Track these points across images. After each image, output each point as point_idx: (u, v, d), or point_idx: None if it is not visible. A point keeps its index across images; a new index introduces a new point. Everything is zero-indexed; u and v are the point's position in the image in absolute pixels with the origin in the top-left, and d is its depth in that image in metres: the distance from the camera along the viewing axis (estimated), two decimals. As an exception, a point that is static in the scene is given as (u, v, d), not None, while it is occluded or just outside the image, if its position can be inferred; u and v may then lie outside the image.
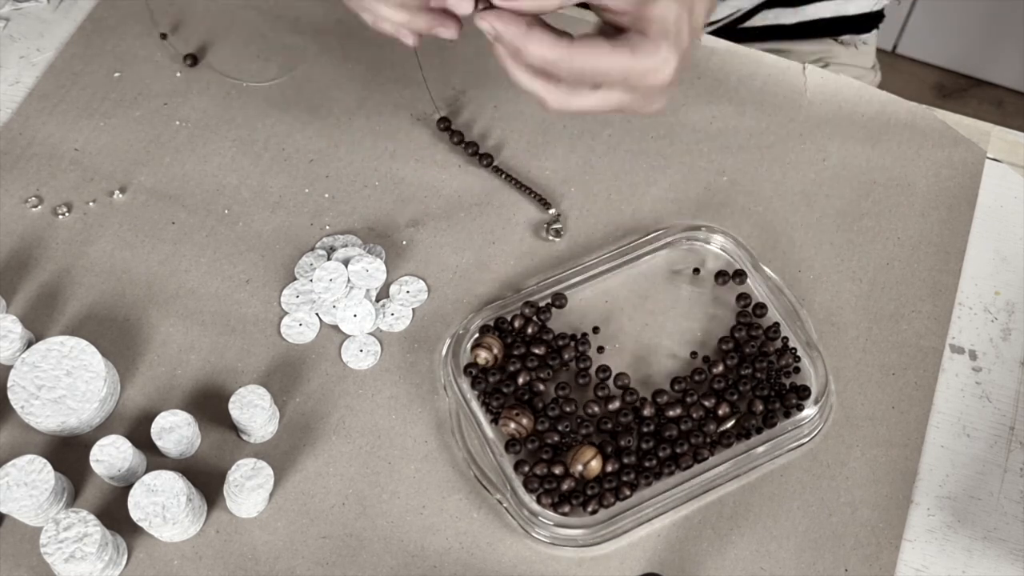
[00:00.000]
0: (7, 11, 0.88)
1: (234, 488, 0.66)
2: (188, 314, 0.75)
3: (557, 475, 0.68)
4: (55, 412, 0.69)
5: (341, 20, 0.87)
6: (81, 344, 0.70)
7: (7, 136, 0.81)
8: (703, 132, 0.83)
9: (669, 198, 0.80)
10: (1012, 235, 0.80)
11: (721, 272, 0.77)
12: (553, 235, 0.78)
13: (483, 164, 0.80)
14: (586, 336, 0.74)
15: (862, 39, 1.04)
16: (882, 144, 0.83)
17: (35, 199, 0.79)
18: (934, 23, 1.84)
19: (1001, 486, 0.71)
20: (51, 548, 0.63)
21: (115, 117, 0.83)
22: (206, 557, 0.67)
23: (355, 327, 0.74)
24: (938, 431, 0.73)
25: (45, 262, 0.76)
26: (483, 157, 0.80)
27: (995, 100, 1.88)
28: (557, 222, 0.77)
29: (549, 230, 0.78)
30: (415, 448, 0.71)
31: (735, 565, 0.68)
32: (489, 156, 0.80)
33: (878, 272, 0.78)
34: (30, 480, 0.65)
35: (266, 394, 0.69)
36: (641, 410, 0.71)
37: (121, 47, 0.86)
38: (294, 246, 0.78)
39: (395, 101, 0.84)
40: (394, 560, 0.67)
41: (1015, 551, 0.69)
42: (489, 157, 0.80)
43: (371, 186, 0.80)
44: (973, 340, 0.76)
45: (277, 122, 0.83)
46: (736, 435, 0.70)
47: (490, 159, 0.80)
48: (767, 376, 0.72)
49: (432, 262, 0.78)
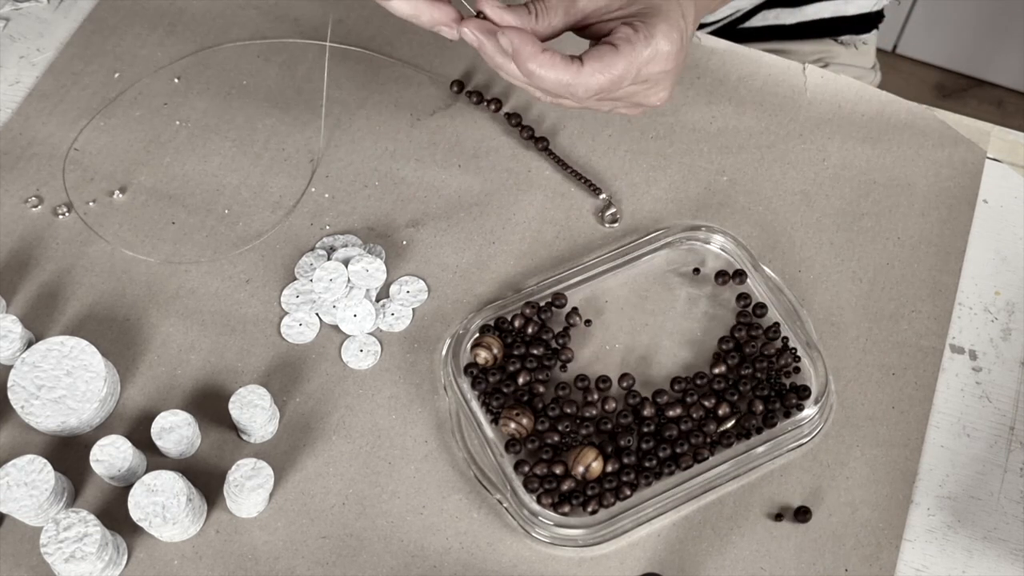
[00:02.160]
0: (7, 11, 0.88)
1: (234, 488, 0.66)
2: (188, 314, 0.75)
3: (557, 475, 0.68)
4: (55, 412, 0.69)
5: (341, 20, 0.88)
6: (81, 344, 0.70)
7: (7, 136, 0.81)
8: (703, 132, 0.83)
9: (669, 198, 0.80)
10: (1012, 235, 0.80)
11: (721, 272, 0.77)
12: (609, 220, 0.78)
13: (538, 147, 0.81)
14: (566, 331, 0.74)
15: (862, 39, 1.04)
16: (882, 144, 0.83)
17: (35, 199, 0.79)
18: (934, 23, 1.84)
19: (1001, 486, 0.71)
20: (51, 548, 0.63)
21: (115, 117, 0.83)
22: (206, 557, 0.67)
23: (355, 327, 0.74)
24: (938, 431, 0.73)
25: (45, 262, 0.76)
26: (538, 140, 0.81)
27: (995, 100, 1.88)
28: (611, 207, 0.78)
29: (605, 216, 0.78)
30: (415, 448, 0.71)
31: (735, 565, 0.68)
32: (544, 139, 0.81)
33: (878, 272, 0.78)
34: (30, 480, 0.65)
35: (266, 394, 0.69)
36: (641, 410, 0.71)
37: (121, 47, 0.86)
38: (294, 246, 0.78)
39: (395, 101, 0.84)
40: (394, 560, 0.67)
41: (1015, 551, 0.69)
42: (544, 140, 0.81)
43: (371, 186, 0.80)
44: (973, 340, 0.76)
45: (277, 122, 0.83)
46: (736, 435, 0.70)
47: (545, 142, 0.81)
48: (767, 376, 0.72)
49: (432, 262, 0.78)
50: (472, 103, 0.83)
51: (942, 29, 1.84)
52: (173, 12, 0.88)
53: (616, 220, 0.78)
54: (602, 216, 0.79)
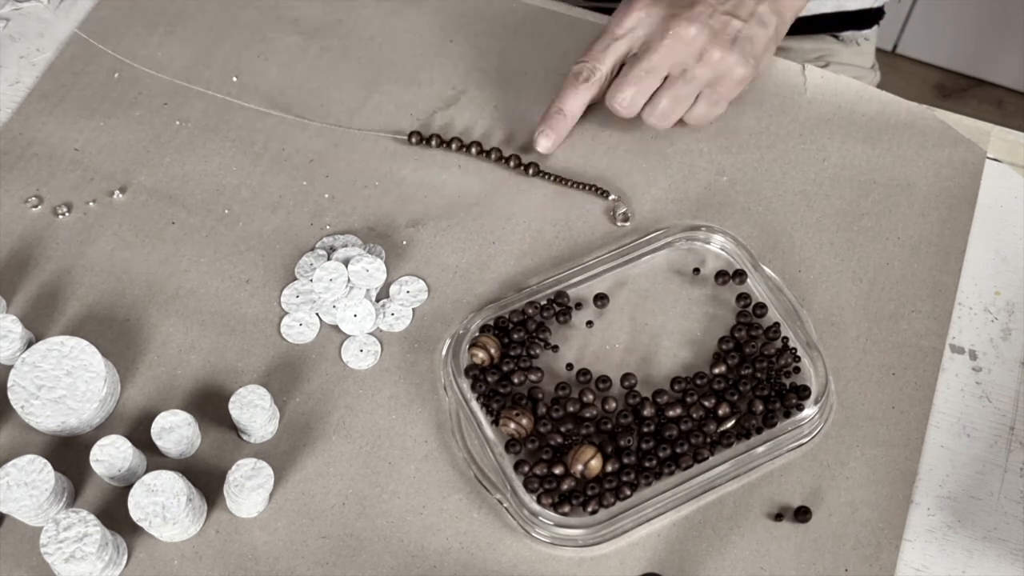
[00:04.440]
0: (7, 11, 0.88)
1: (234, 488, 0.66)
2: (188, 314, 0.75)
3: (557, 475, 0.68)
4: (55, 412, 0.69)
5: (341, 20, 0.88)
6: (81, 344, 0.70)
7: (7, 136, 0.81)
8: (703, 132, 0.83)
9: (669, 198, 0.80)
10: (1012, 235, 0.80)
11: (721, 272, 0.77)
12: (621, 219, 0.78)
13: (530, 175, 0.80)
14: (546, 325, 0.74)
15: (863, 35, 1.04)
16: (882, 144, 0.83)
17: (35, 199, 0.79)
18: (934, 23, 1.84)
19: (1001, 486, 0.71)
20: (51, 548, 0.63)
21: (115, 117, 0.83)
22: (206, 557, 0.67)
23: (355, 327, 0.74)
24: (938, 431, 0.73)
25: (45, 262, 0.77)
26: (528, 167, 0.80)
27: (995, 100, 1.88)
28: (620, 205, 0.78)
29: (616, 215, 0.78)
30: (415, 448, 0.71)
31: (735, 565, 0.68)
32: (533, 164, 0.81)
33: (878, 272, 0.78)
34: (30, 480, 0.65)
35: (266, 394, 0.69)
36: (641, 410, 0.71)
37: (121, 47, 0.86)
38: (294, 246, 0.78)
39: (395, 101, 0.84)
40: (394, 560, 0.67)
41: (1015, 551, 0.69)
42: (534, 165, 0.80)
43: (371, 186, 0.80)
44: (973, 340, 0.76)
45: (277, 122, 0.83)
46: (736, 435, 0.70)
47: (536, 167, 0.80)
48: (767, 376, 0.72)
49: (432, 262, 0.78)
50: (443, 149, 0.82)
51: (942, 29, 1.84)
52: (173, 12, 0.88)
53: (628, 219, 0.79)
54: (613, 216, 0.79)
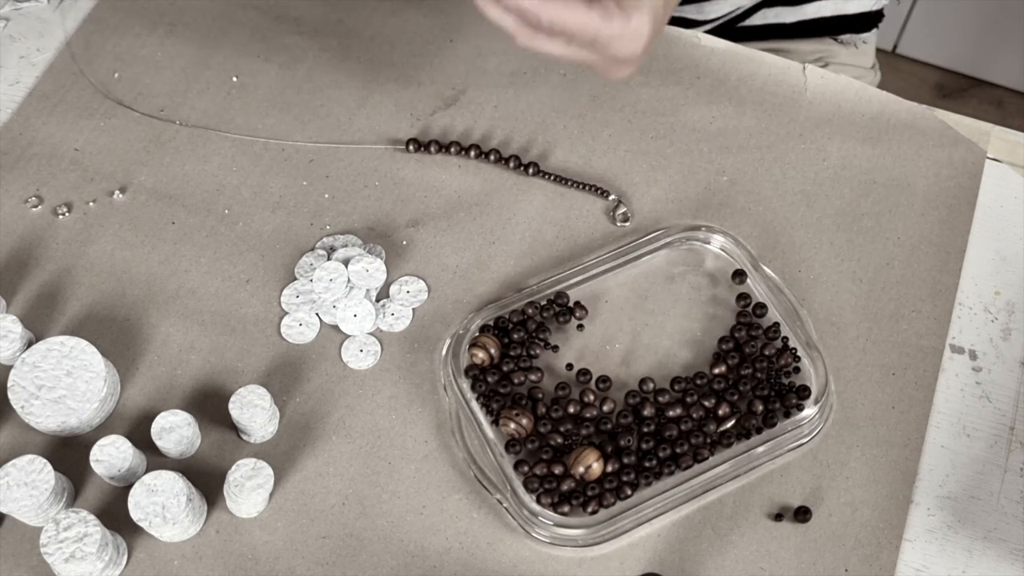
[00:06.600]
0: (7, 11, 0.88)
1: (234, 488, 0.66)
2: (188, 314, 0.75)
3: (557, 475, 0.68)
4: (55, 412, 0.69)
5: (341, 20, 0.88)
6: (81, 344, 0.70)
7: (7, 136, 0.81)
8: (703, 132, 0.83)
9: (669, 198, 0.80)
10: (1012, 235, 0.80)
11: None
12: (621, 219, 0.78)
13: (530, 174, 0.80)
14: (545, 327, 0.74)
15: (862, 38, 1.04)
16: (882, 144, 0.83)
17: (35, 199, 0.79)
18: (934, 23, 1.84)
19: (1001, 486, 0.71)
20: (51, 548, 0.63)
21: (115, 117, 0.83)
22: (206, 557, 0.67)
23: (355, 327, 0.74)
24: (938, 431, 0.73)
25: (45, 262, 0.76)
26: (527, 167, 0.80)
27: (995, 100, 1.88)
28: (620, 206, 0.78)
29: (616, 216, 0.78)
30: (415, 448, 0.71)
31: (735, 565, 0.68)
32: (533, 164, 0.80)
33: (878, 272, 0.78)
34: (30, 480, 0.65)
35: (266, 394, 0.69)
36: (641, 410, 0.71)
37: (121, 47, 0.86)
38: (294, 246, 0.78)
39: (395, 101, 0.84)
40: (394, 560, 0.67)
41: (1015, 551, 0.69)
42: (534, 164, 0.80)
43: (371, 186, 0.80)
44: (973, 340, 0.76)
45: (277, 122, 0.83)
46: (736, 435, 0.70)
47: (535, 166, 0.80)
48: (767, 376, 0.72)
49: (432, 262, 0.78)
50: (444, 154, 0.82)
51: (942, 29, 1.84)
52: (173, 12, 0.88)
53: (628, 219, 0.78)
54: (613, 215, 0.79)
